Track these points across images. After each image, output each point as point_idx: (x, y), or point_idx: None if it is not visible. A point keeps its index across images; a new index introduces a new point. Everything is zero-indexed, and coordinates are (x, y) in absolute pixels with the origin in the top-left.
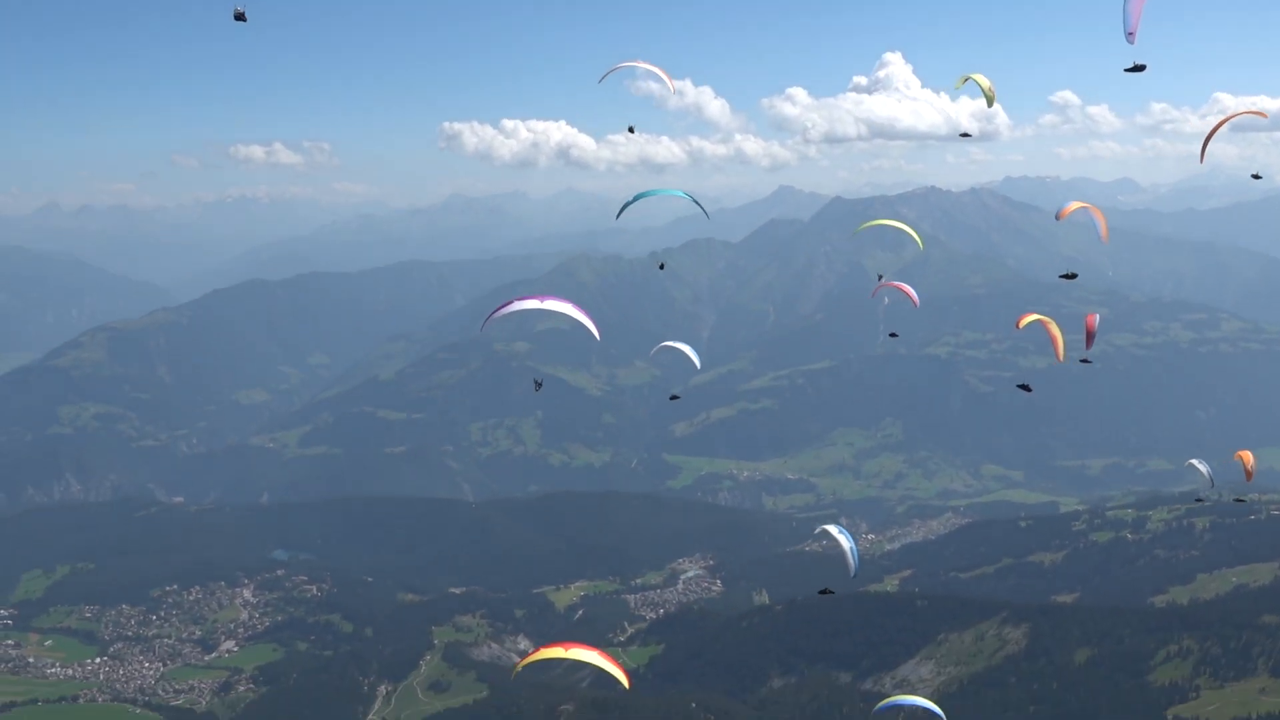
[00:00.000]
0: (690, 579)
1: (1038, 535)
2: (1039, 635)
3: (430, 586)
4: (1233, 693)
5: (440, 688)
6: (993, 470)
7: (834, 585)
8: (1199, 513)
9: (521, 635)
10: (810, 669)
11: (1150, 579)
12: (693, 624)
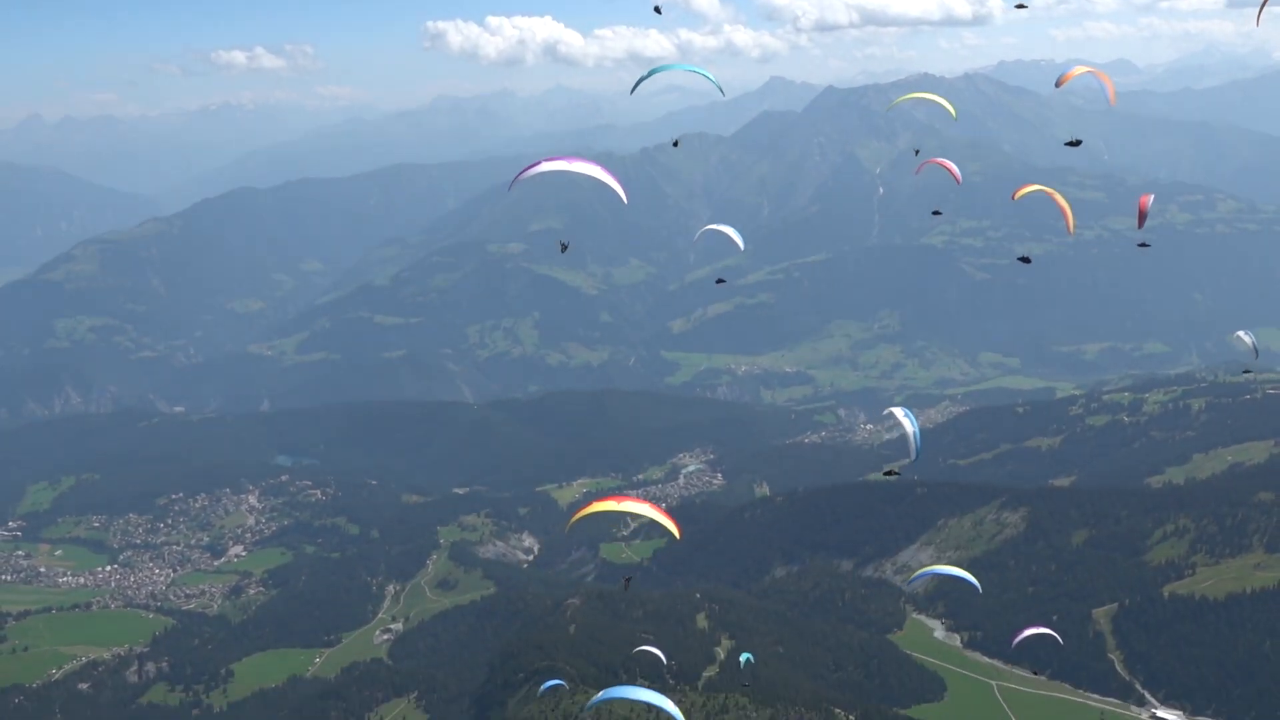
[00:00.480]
0: (691, 473)
1: (1035, 421)
2: (1037, 518)
3: (434, 488)
4: (1228, 569)
5: (448, 586)
6: (990, 358)
7: (897, 467)
8: (1195, 394)
9: (526, 533)
10: (812, 557)
11: (1147, 460)
12: (695, 517)
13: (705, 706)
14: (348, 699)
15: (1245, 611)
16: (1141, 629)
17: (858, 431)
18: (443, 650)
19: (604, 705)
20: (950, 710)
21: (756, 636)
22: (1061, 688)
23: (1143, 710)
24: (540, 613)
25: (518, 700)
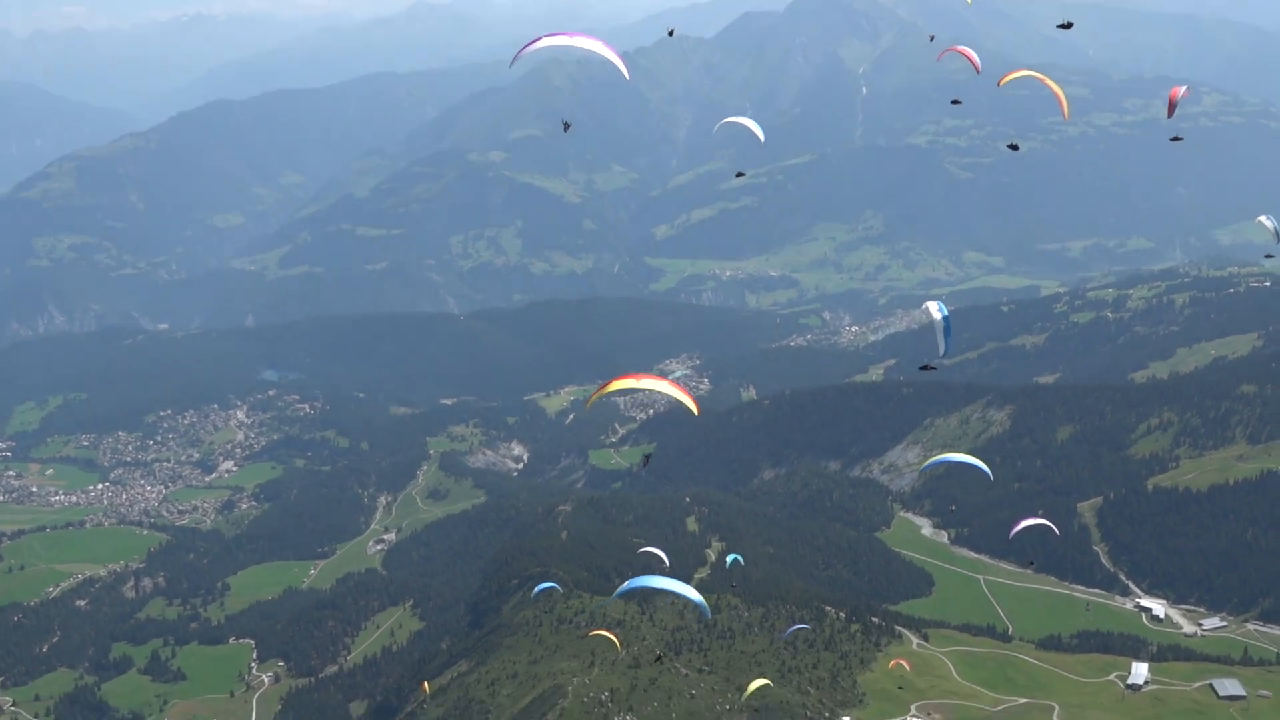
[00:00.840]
0: (678, 378)
1: (1020, 319)
2: (1022, 416)
3: (422, 399)
4: (1211, 461)
5: (439, 495)
6: (974, 257)
7: (934, 363)
8: (1178, 289)
9: (515, 441)
10: (799, 459)
11: (1131, 356)
12: (683, 422)
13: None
14: (344, 609)
15: (1228, 502)
16: (1126, 522)
17: (843, 334)
18: (436, 559)
19: (600, 610)
20: (939, 604)
21: (746, 538)
22: (1048, 580)
23: (1127, 600)
24: (531, 520)
25: (512, 606)
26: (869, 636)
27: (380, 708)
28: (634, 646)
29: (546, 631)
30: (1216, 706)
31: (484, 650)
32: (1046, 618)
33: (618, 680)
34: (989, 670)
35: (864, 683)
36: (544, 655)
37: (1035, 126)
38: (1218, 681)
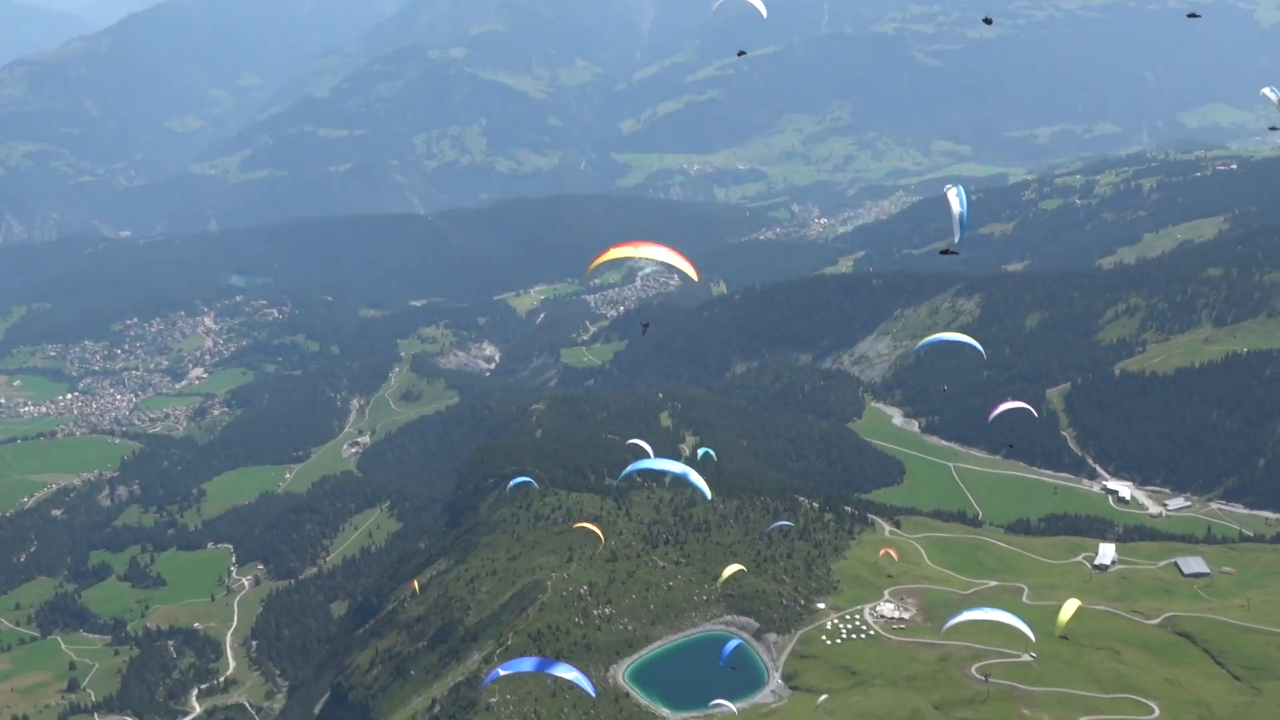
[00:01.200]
0: (647, 275)
1: (988, 207)
2: (991, 304)
3: (391, 301)
4: (1177, 345)
5: (412, 397)
6: (942, 146)
7: (953, 247)
8: (1146, 174)
9: (486, 342)
10: (771, 352)
11: (1099, 242)
12: (654, 318)
13: (673, 501)
14: (321, 511)
15: (1193, 385)
16: (1093, 406)
17: (812, 226)
18: (411, 460)
19: (575, 505)
20: (910, 492)
21: (720, 432)
22: (1017, 466)
23: (1094, 483)
24: (505, 419)
25: (489, 504)
26: (842, 525)
27: (361, 607)
28: (612, 541)
29: (524, 528)
30: (1181, 584)
31: (462, 549)
32: (1015, 502)
33: (596, 574)
34: (960, 555)
35: (838, 570)
36: (522, 552)
37: (1003, 11)
38: (1182, 560)
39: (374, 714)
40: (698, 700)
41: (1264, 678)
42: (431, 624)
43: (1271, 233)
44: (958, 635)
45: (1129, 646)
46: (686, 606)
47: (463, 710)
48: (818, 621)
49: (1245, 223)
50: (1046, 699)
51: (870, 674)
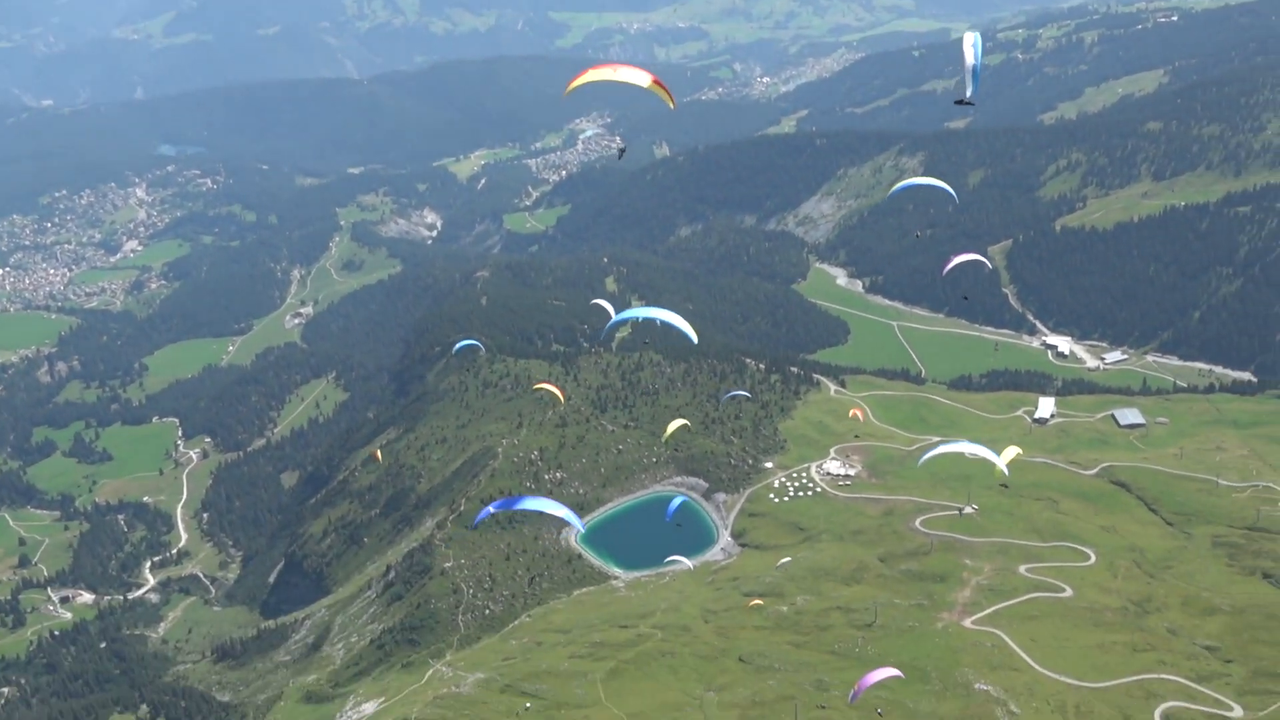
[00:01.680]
0: (589, 138)
1: (930, 64)
2: (934, 161)
3: (328, 169)
4: (1116, 200)
5: (354, 266)
6: (884, 1)
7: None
8: (1088, 27)
9: (427, 209)
10: (715, 215)
11: (1040, 96)
12: (596, 182)
13: (620, 366)
14: (266, 383)
15: (1132, 240)
16: (1034, 262)
17: (754, 85)
18: (355, 330)
19: (523, 371)
20: (854, 351)
21: (666, 295)
22: (958, 323)
23: (1034, 339)
24: (450, 287)
25: (437, 373)
26: (789, 386)
27: (312, 477)
28: (561, 406)
29: (473, 396)
30: (1118, 435)
31: (411, 417)
32: (957, 359)
33: (546, 439)
34: (904, 412)
35: (785, 430)
36: (471, 419)
37: None
38: (1119, 412)
39: (328, 581)
40: (650, 560)
41: (1194, 523)
42: (383, 492)
43: (1210, 85)
44: (902, 490)
45: (1067, 496)
46: (636, 469)
47: (417, 575)
48: (765, 480)
49: (1185, 76)
50: (988, 549)
51: (817, 530)
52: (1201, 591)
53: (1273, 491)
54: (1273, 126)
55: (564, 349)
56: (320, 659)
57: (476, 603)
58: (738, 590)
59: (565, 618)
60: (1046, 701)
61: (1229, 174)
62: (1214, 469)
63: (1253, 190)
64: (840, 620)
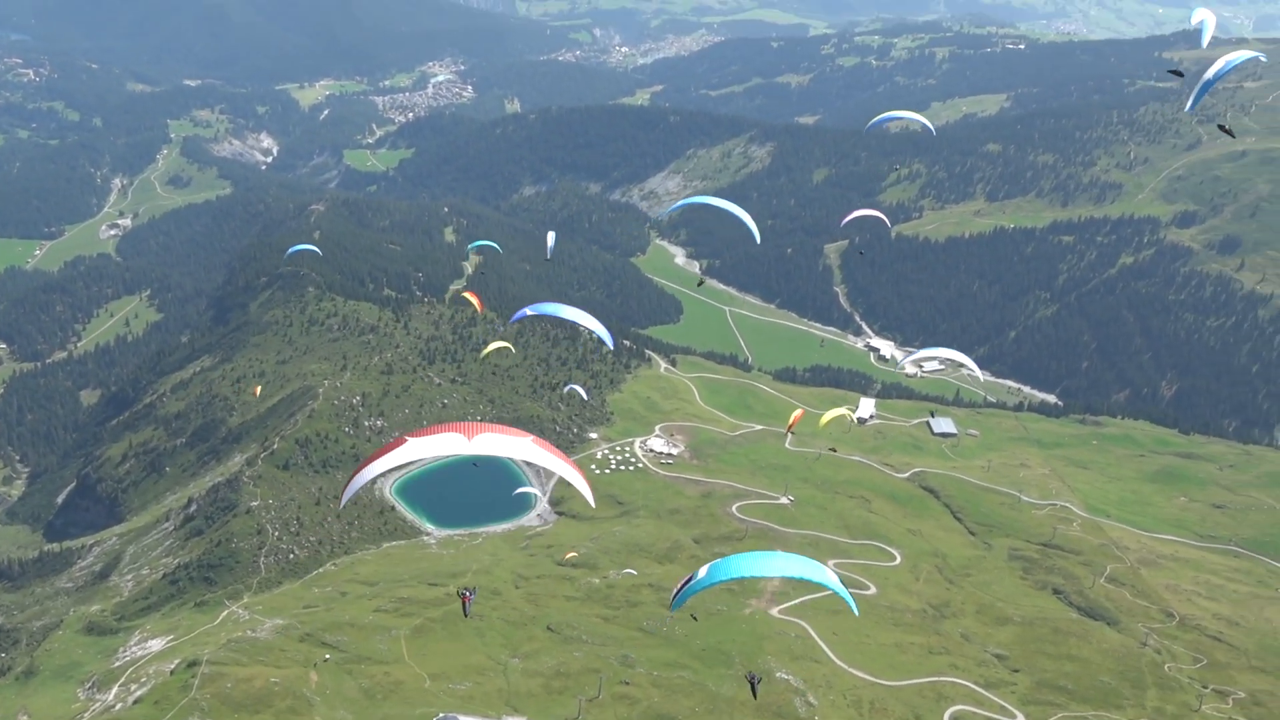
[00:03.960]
0: (441, 83)
1: (787, 57)
2: (782, 154)
3: (162, 77)
4: (951, 214)
5: (180, 183)
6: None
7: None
8: (940, 43)
9: (265, 133)
10: (561, 178)
11: (889, 104)
12: (444, 129)
13: (454, 318)
14: (73, 294)
15: (961, 254)
16: (867, 265)
17: (612, 53)
18: (176, 249)
19: (351, 312)
20: (685, 331)
21: (505, 252)
22: (788, 316)
23: (859, 340)
24: (282, 217)
25: (260, 304)
26: (619, 359)
27: (115, 398)
28: (386, 353)
29: (296, 332)
30: (931, 441)
31: (229, 346)
32: (784, 351)
33: (370, 385)
34: (730, 397)
35: (613, 402)
36: (293, 356)
37: None
38: (934, 419)
39: (122, 508)
40: (463, 520)
41: (995, 534)
42: (192, 421)
43: (1048, 115)
44: (721, 474)
45: (879, 496)
46: None
47: (220, 512)
48: (589, 451)
49: (1026, 103)
50: (799, 541)
51: (636, 505)
52: (996, 601)
53: (1069, 511)
54: (1101, 163)
55: (396, 294)
56: (106, 589)
57: (281, 546)
58: (551, 558)
59: (373, 570)
60: (843, 695)
61: (1057, 203)
62: (1017, 484)
63: (1077, 221)
64: (651, 597)
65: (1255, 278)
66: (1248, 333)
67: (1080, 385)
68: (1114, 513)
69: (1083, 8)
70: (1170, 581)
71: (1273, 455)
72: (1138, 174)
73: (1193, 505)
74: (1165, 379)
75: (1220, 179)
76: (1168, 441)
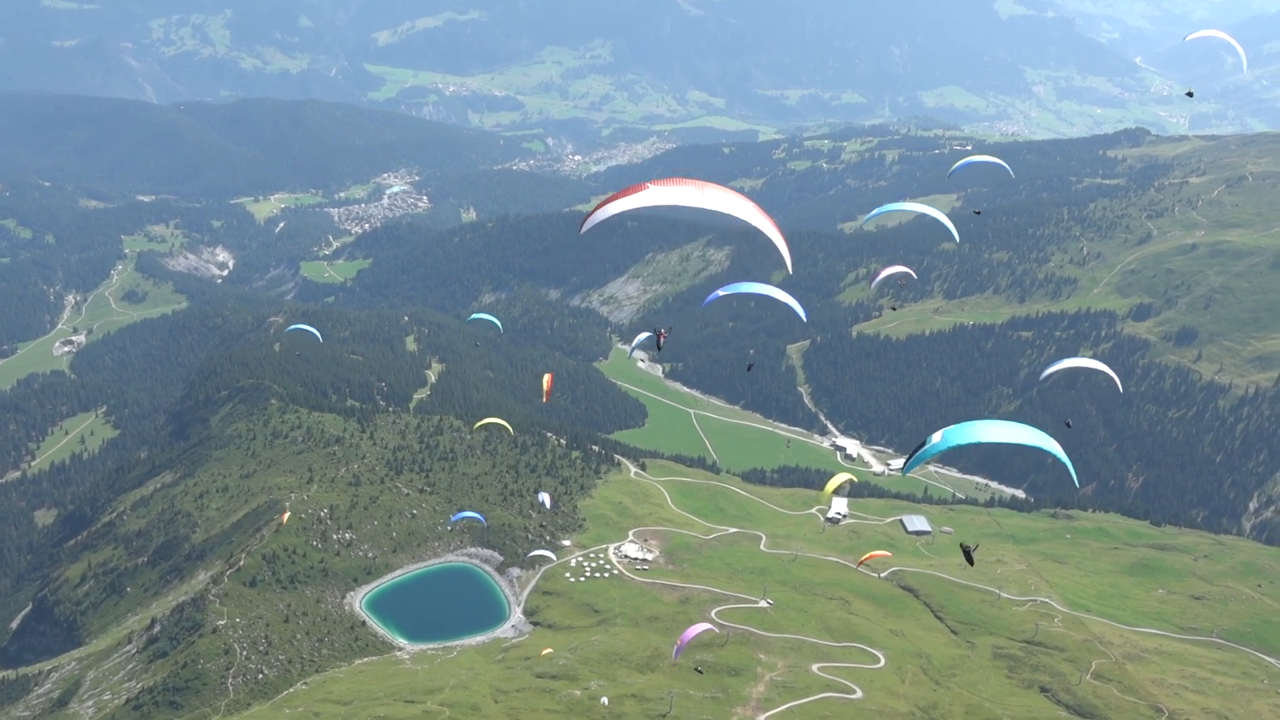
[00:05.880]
0: (396, 194)
1: (740, 162)
2: (740, 257)
3: (116, 194)
4: (910, 313)
5: (135, 298)
6: (697, 96)
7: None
8: (889, 145)
9: (220, 247)
10: (521, 285)
11: (841, 206)
12: (401, 239)
13: (420, 428)
14: (27, 411)
15: (922, 352)
16: (830, 365)
17: (565, 162)
18: (132, 364)
19: (316, 424)
20: (651, 435)
21: (466, 361)
22: (754, 417)
23: (824, 439)
24: (240, 330)
25: (222, 418)
26: (589, 464)
27: (72, 517)
28: (353, 464)
29: (260, 445)
30: (905, 540)
31: (191, 462)
32: (750, 452)
33: (337, 497)
34: (702, 500)
35: (584, 508)
36: (258, 469)
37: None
38: (907, 518)
39: (82, 631)
40: (436, 633)
41: (978, 633)
42: (154, 539)
43: (999, 214)
44: (698, 579)
45: (858, 598)
46: (429, 536)
47: (185, 632)
48: (563, 559)
49: (976, 202)
50: (781, 645)
51: (613, 613)
52: (984, 701)
53: (1049, 607)
54: (1056, 259)
55: (360, 405)
56: (66, 717)
57: (249, 666)
58: (529, 670)
59: (346, 688)
60: None
61: (1014, 299)
62: (995, 581)
63: (1034, 317)
64: (635, 709)
65: (1213, 368)
66: (1209, 423)
67: (1047, 479)
68: (1094, 607)
69: (1023, 110)
70: (1156, 676)
71: (1245, 545)
72: (1091, 269)
73: (1172, 597)
74: (1131, 471)
75: (1173, 271)
76: (1141, 534)
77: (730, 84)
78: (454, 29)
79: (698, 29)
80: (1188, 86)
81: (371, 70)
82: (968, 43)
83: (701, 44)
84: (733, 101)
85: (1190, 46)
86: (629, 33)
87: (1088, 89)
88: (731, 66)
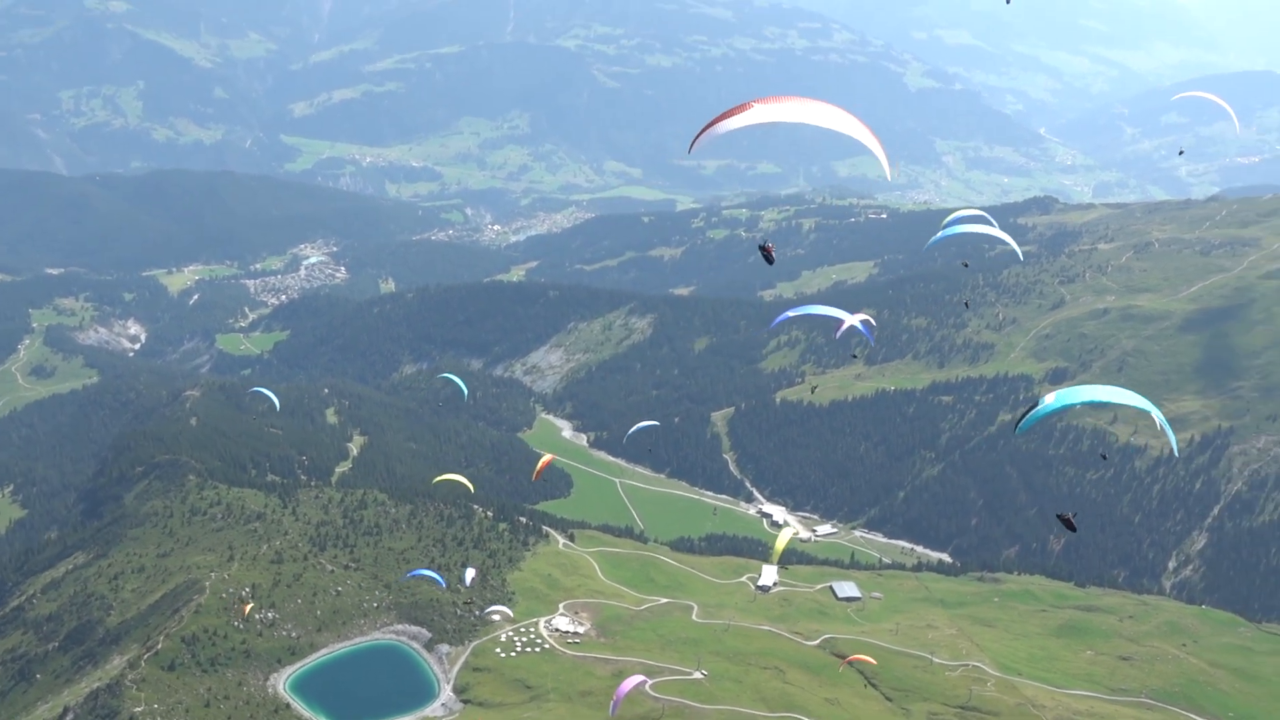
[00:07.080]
0: (313, 265)
1: (659, 231)
2: (663, 324)
3: (23, 266)
4: (832, 378)
5: (44, 373)
6: (614, 166)
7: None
8: (806, 214)
9: (132, 320)
10: (442, 355)
11: (760, 274)
12: (319, 310)
13: (343, 502)
14: None
15: (845, 417)
16: (754, 431)
17: (485, 232)
18: (40, 441)
19: (236, 500)
20: (577, 505)
21: (389, 433)
22: (679, 485)
23: (751, 506)
24: (154, 404)
25: (137, 495)
26: (517, 536)
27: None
28: (275, 541)
29: (178, 523)
30: (836, 607)
31: (105, 541)
32: (677, 521)
33: (259, 575)
34: (632, 570)
35: (513, 581)
36: (175, 548)
37: (681, 44)
38: (836, 584)
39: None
40: (364, 713)
41: (912, 699)
42: (65, 623)
43: (916, 280)
44: (631, 651)
45: (792, 666)
46: (355, 614)
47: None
48: (492, 633)
49: (893, 269)
50: (717, 717)
51: (545, 688)
52: None
53: (981, 671)
54: (973, 325)
55: (281, 480)
56: None
57: None
58: None
59: None
60: None
61: (934, 365)
62: (927, 646)
63: (954, 382)
64: None
65: (1128, 430)
66: (1127, 484)
67: (971, 542)
68: (1025, 670)
69: (934, 179)
70: None
71: (1168, 604)
72: (1007, 334)
73: (1100, 659)
74: (1053, 533)
75: (1086, 336)
76: (1066, 595)
77: (647, 154)
78: (371, 100)
79: (614, 100)
80: (1088, 157)
81: (287, 141)
82: (879, 113)
83: (618, 115)
84: (649, 172)
85: (1090, 117)
86: (546, 104)
87: (995, 159)
88: (648, 137)
